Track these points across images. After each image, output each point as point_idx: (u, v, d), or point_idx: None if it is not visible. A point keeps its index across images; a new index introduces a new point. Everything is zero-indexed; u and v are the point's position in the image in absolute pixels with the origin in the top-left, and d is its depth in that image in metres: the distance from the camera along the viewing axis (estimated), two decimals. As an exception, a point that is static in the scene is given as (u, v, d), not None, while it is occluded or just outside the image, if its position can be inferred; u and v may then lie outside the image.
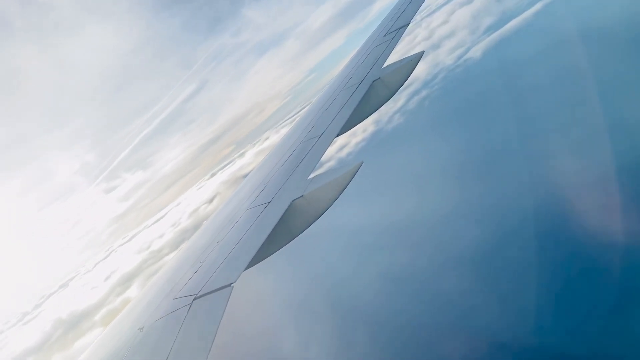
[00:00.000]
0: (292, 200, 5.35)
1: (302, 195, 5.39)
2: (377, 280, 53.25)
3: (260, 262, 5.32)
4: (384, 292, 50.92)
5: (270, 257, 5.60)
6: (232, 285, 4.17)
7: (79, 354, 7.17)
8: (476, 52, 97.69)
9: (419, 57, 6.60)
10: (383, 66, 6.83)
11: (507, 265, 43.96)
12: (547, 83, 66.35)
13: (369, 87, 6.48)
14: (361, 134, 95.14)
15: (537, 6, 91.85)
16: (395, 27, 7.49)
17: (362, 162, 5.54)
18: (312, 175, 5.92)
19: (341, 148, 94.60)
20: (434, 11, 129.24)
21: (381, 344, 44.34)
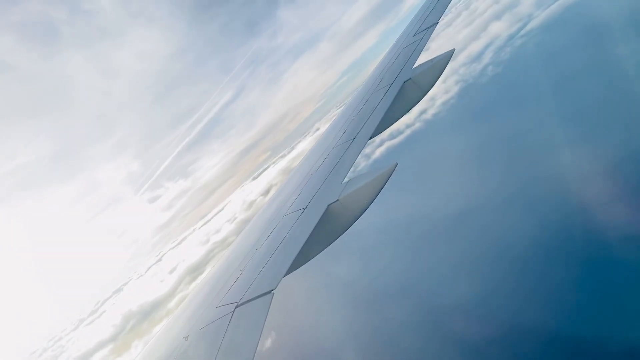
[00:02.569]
0: (328, 205, 5.34)
1: (337, 200, 5.38)
2: (416, 277, 53.00)
3: (299, 267, 5.34)
4: (422, 287, 50.72)
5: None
6: (272, 292, 4.21)
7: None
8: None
9: (449, 55, 6.51)
10: (414, 66, 6.78)
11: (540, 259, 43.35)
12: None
13: (400, 88, 6.44)
14: (454, 87, 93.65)
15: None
16: (424, 27, 7.42)
17: (397, 164, 5.48)
18: (347, 179, 5.90)
19: (422, 112, 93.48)
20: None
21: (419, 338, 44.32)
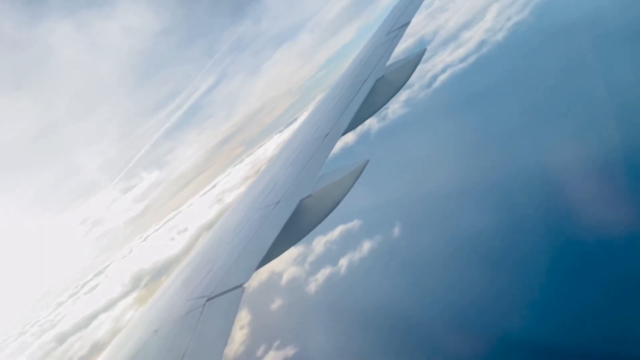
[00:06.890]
0: (301, 200, 5.41)
1: (310, 195, 5.46)
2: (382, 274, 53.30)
3: (270, 261, 5.39)
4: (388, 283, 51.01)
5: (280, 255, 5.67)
6: (243, 285, 4.24)
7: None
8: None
9: (421, 55, 6.67)
10: (386, 64, 6.89)
11: (510, 256, 43.73)
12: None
13: (373, 86, 6.54)
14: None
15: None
16: (396, 26, 7.55)
17: (368, 160, 5.62)
18: (319, 174, 5.98)
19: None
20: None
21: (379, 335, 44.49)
